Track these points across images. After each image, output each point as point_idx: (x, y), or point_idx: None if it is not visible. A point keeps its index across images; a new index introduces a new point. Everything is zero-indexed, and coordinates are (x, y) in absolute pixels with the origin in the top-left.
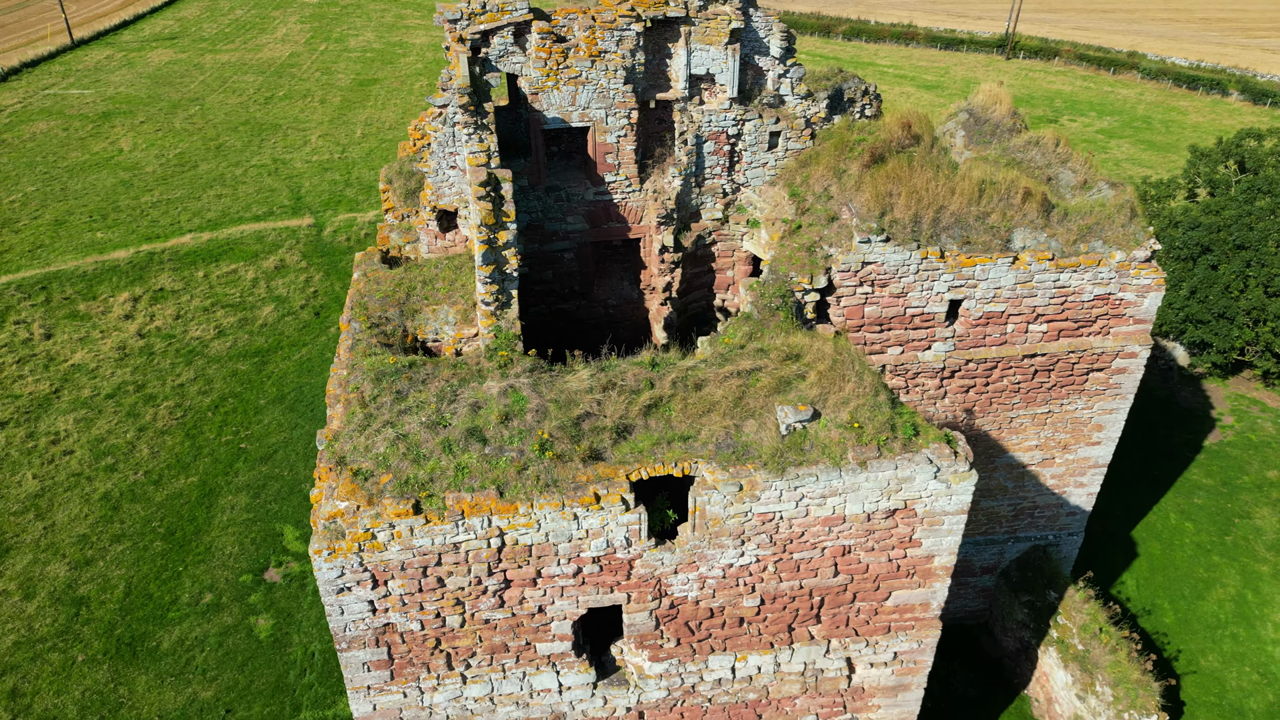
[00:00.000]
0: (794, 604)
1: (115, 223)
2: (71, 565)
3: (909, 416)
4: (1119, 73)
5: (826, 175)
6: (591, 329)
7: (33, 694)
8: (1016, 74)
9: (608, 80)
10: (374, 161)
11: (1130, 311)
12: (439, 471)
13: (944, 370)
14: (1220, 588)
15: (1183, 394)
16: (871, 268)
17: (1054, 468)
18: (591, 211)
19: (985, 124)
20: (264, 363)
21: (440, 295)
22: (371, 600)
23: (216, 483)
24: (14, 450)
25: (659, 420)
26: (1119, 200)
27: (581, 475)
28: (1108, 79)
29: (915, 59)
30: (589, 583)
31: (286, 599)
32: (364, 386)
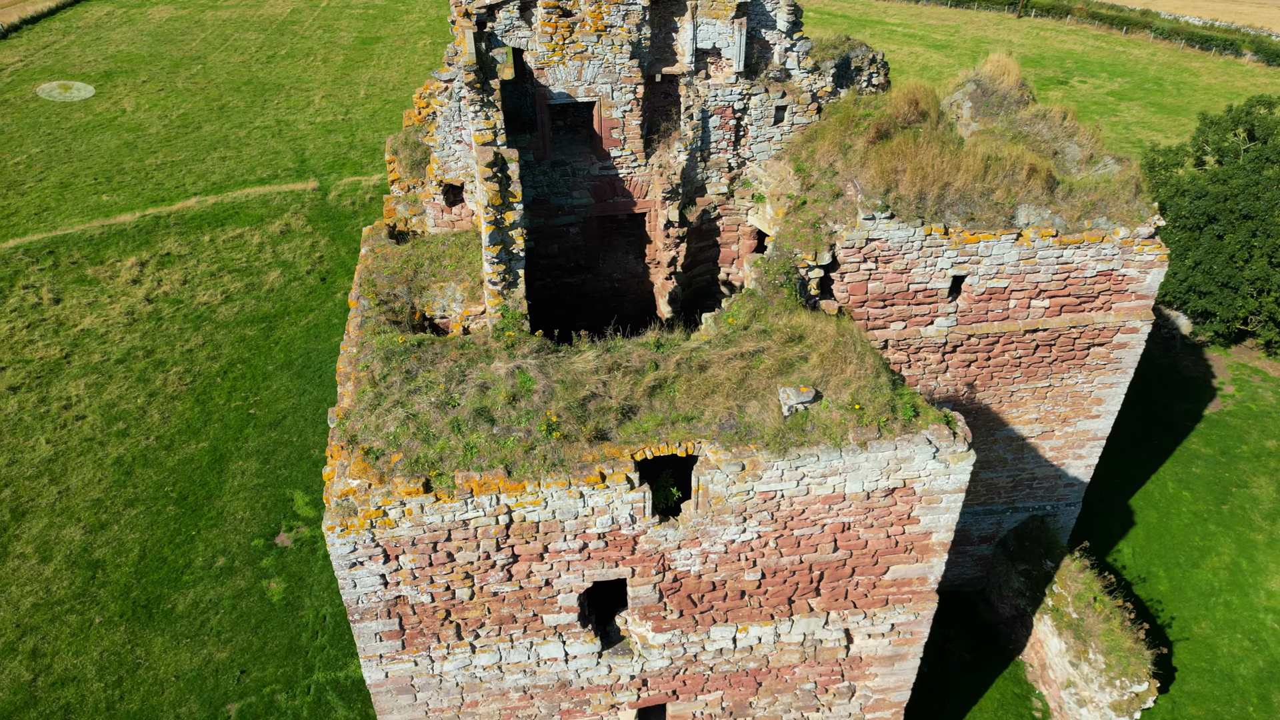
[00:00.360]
0: (794, 578)
1: (120, 185)
2: (86, 529)
3: (909, 398)
4: (1131, 32)
5: (832, 151)
6: (596, 302)
7: (52, 654)
8: (1028, 33)
9: (613, 55)
10: (378, 123)
11: (1132, 287)
12: (448, 451)
13: (946, 345)
14: (1215, 556)
15: (1184, 363)
16: (876, 244)
17: (1053, 440)
18: (597, 186)
19: (993, 95)
20: (271, 328)
21: (447, 272)
22: (383, 574)
23: (227, 448)
24: (26, 415)
25: (663, 401)
26: (1124, 176)
27: (587, 455)
28: (1120, 39)
29: (925, 17)
30: (594, 558)
31: (298, 563)
32: (374, 365)
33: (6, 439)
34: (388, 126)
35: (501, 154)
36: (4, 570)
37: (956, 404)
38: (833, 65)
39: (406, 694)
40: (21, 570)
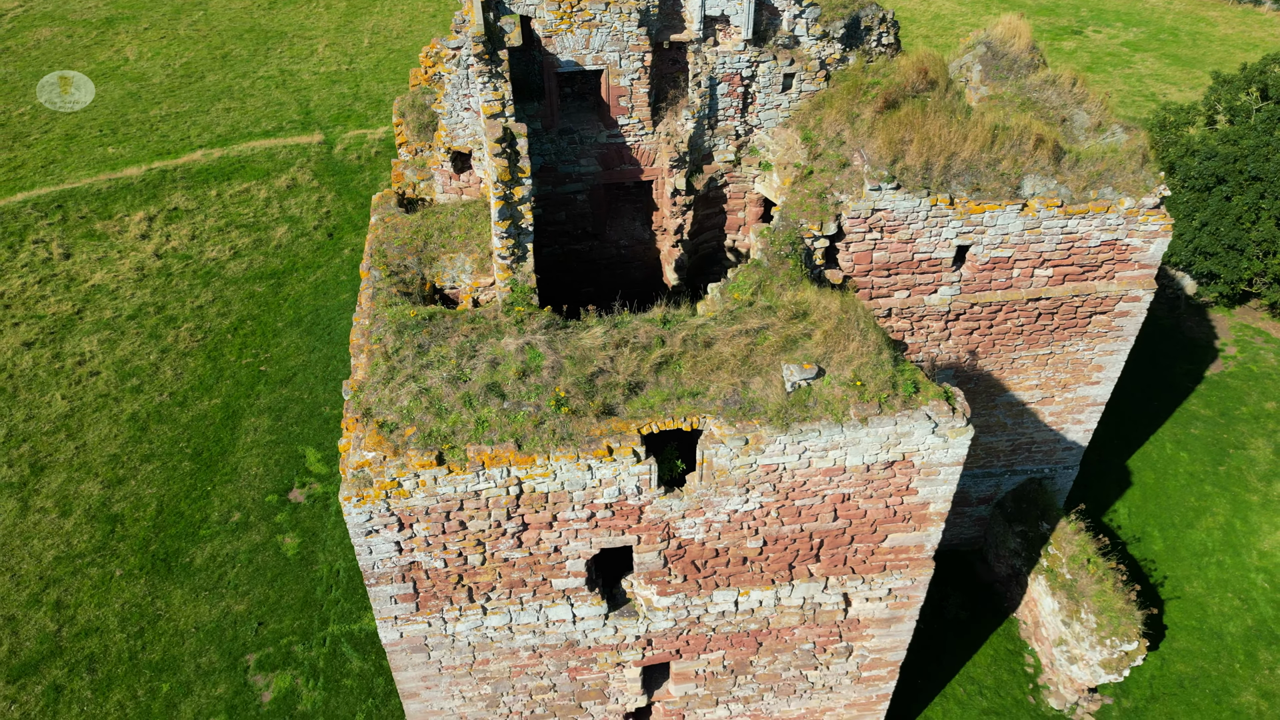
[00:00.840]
0: (794, 545)
1: (125, 137)
2: (105, 484)
3: (910, 373)
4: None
5: (839, 120)
6: (603, 269)
7: (75, 606)
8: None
9: (621, 23)
10: (382, 74)
11: (1136, 256)
12: (460, 425)
13: (949, 313)
14: (1210, 516)
15: (1188, 323)
16: (881, 214)
17: (1053, 406)
18: (604, 154)
19: (1003, 58)
20: (280, 285)
21: (457, 243)
22: (398, 541)
23: (239, 405)
24: (42, 371)
25: (669, 376)
26: (1131, 146)
27: (595, 429)
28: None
29: None
30: (602, 526)
31: (311, 519)
32: (386, 338)
33: (23, 394)
34: (392, 77)
35: (511, 129)
36: (25, 524)
37: (958, 371)
38: (842, 25)
39: (420, 653)
40: (43, 524)
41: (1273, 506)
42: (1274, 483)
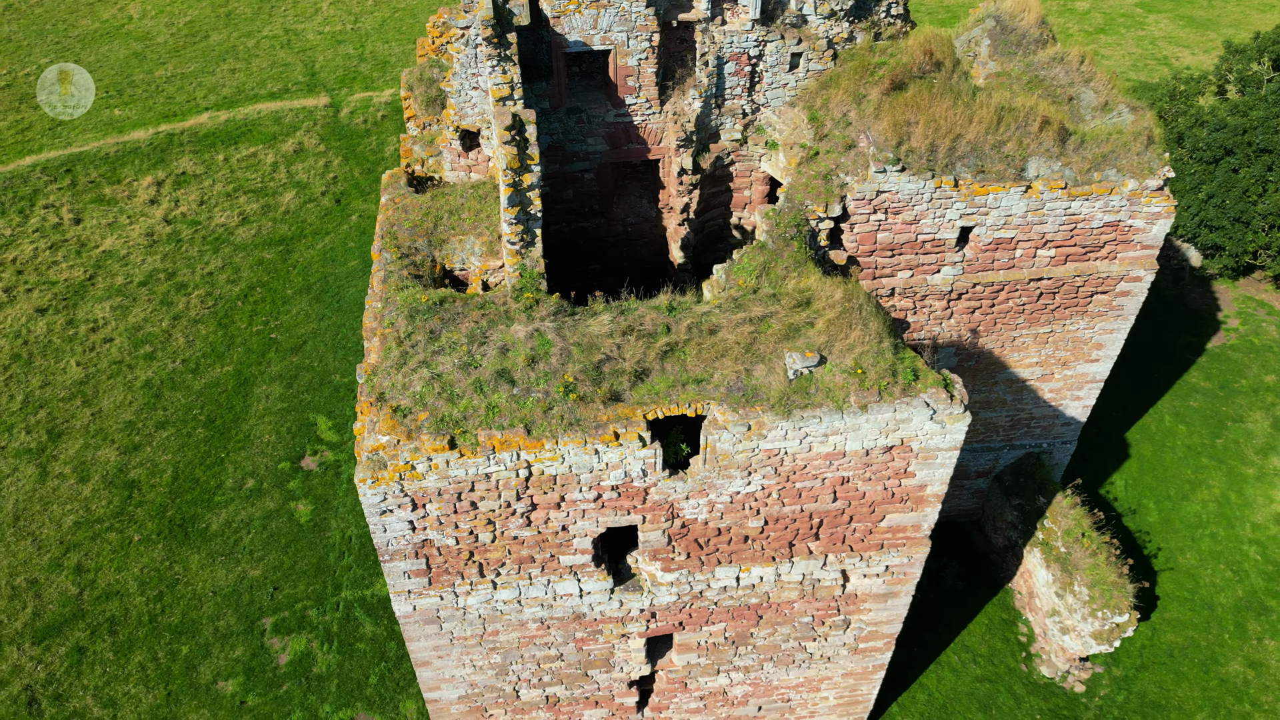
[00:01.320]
0: (795, 525)
1: (131, 99)
2: (121, 450)
3: (910, 361)
4: None
5: (846, 100)
6: (610, 246)
7: (96, 570)
8: None
9: (630, 3)
10: (387, 33)
11: (1138, 238)
12: (471, 410)
13: (952, 293)
14: (1205, 489)
15: (1192, 295)
16: (886, 196)
17: (1052, 382)
18: (611, 133)
19: (1012, 33)
20: (289, 251)
21: (466, 225)
22: (411, 520)
23: (251, 372)
24: (56, 337)
25: (675, 363)
26: (1136, 127)
27: (602, 415)
28: None
29: None
30: (608, 506)
31: (323, 486)
32: (399, 323)
33: (38, 361)
34: (397, 37)
35: (520, 116)
36: (45, 489)
37: (960, 348)
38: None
39: (433, 624)
40: (61, 489)
41: (1267, 479)
42: (1270, 456)
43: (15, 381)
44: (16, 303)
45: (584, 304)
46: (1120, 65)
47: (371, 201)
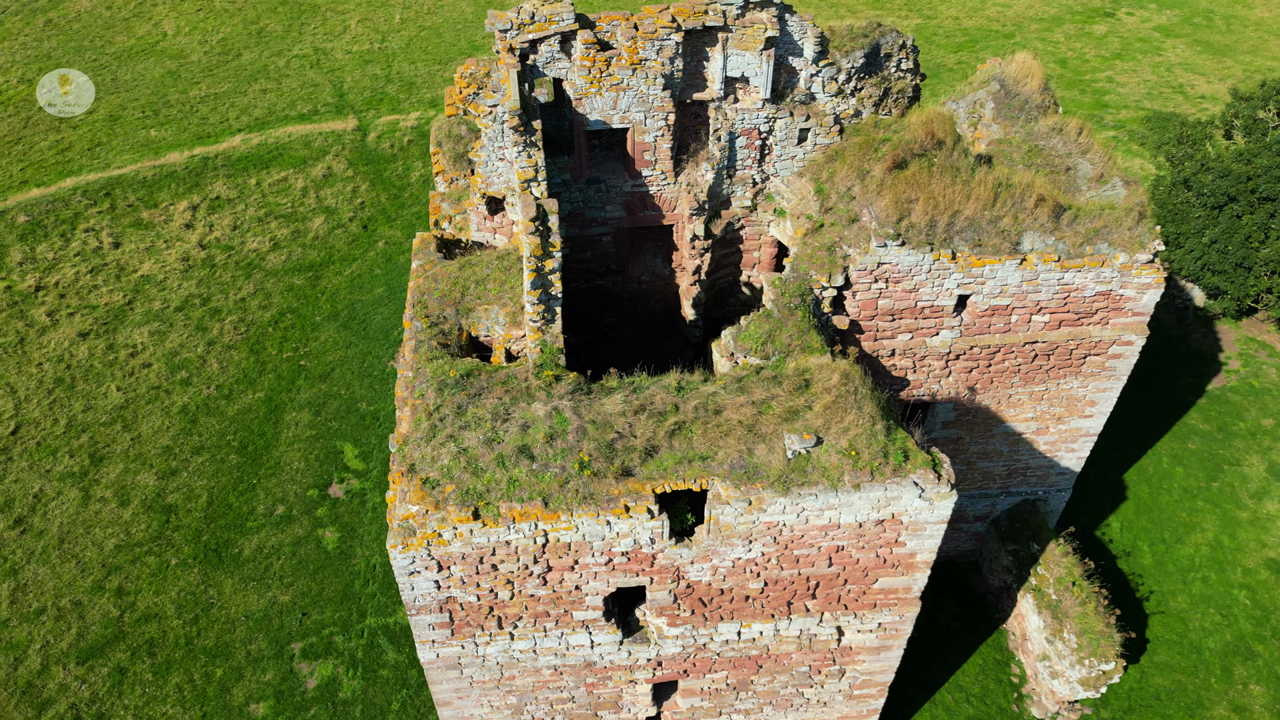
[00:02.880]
0: (792, 587)
1: (167, 119)
2: (159, 475)
3: (901, 442)
4: None
5: (850, 175)
6: (626, 302)
7: (135, 593)
8: None
9: (647, 87)
10: (413, 53)
11: (1130, 305)
12: (494, 483)
13: (950, 354)
14: (1199, 532)
15: (1194, 335)
16: (887, 267)
17: (1047, 436)
18: (629, 200)
19: (1015, 97)
20: (317, 277)
21: (491, 295)
22: (437, 580)
23: (281, 399)
24: (97, 362)
25: (682, 441)
26: (1129, 203)
27: (614, 489)
28: None
29: None
30: (618, 569)
31: (349, 514)
32: (428, 395)
33: (80, 385)
34: (423, 58)
35: (544, 207)
36: (88, 512)
37: (958, 404)
38: (862, 55)
39: (454, 669)
40: (103, 513)
41: (1260, 524)
42: (1264, 500)
43: (59, 406)
44: (59, 326)
45: (600, 354)
46: (1135, 93)
47: (398, 227)
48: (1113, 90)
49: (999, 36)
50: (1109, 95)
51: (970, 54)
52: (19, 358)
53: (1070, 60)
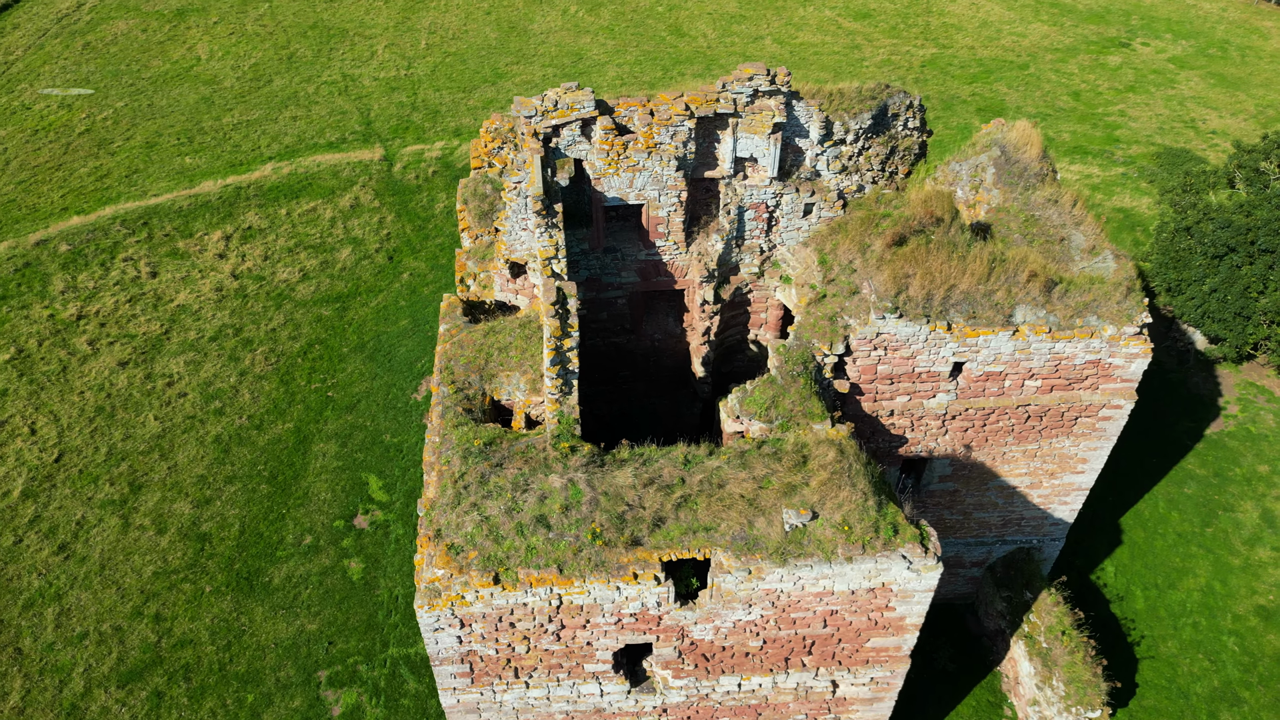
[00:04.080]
0: (790, 645)
1: (201, 146)
2: (194, 504)
3: (891, 516)
4: None
5: (852, 249)
6: (639, 357)
7: (172, 619)
8: None
9: (661, 168)
10: (438, 80)
11: (1118, 373)
12: (513, 550)
13: (946, 415)
14: (1192, 577)
15: (1195, 379)
16: (885, 336)
17: (1041, 490)
18: (643, 268)
19: (1015, 164)
20: (345, 308)
21: (513, 362)
22: (460, 635)
23: (309, 430)
24: (135, 391)
25: (687, 512)
26: (1118, 277)
27: (624, 558)
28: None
29: None
30: (627, 628)
31: (373, 545)
32: (454, 462)
33: (120, 414)
34: (448, 85)
35: (564, 290)
36: (127, 540)
37: (954, 459)
38: (870, 116)
39: (473, 713)
40: (142, 540)
41: (1252, 570)
42: (1256, 547)
43: (100, 434)
44: (100, 355)
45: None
46: (1147, 128)
47: (422, 259)
48: (1124, 125)
49: (1013, 67)
50: (1120, 130)
51: (984, 85)
52: (62, 386)
53: (1083, 93)
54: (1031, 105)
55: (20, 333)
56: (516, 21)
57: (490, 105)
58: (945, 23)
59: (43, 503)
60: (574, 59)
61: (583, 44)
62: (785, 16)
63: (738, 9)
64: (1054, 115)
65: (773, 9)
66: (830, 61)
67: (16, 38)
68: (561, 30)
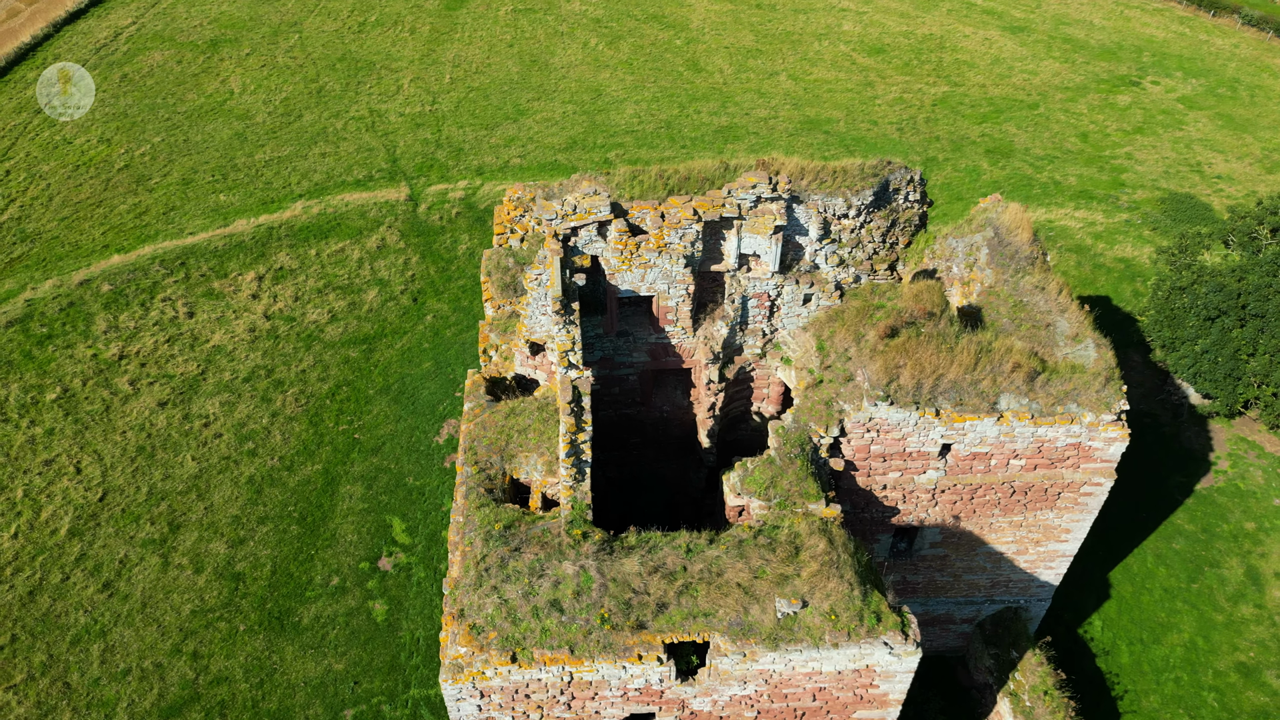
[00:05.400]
0: (782, 716)
1: (235, 184)
2: (229, 544)
3: (875, 605)
4: (1219, 15)
5: (848, 338)
6: (648, 427)
7: (209, 656)
8: (1111, 9)
9: (671, 265)
10: (461, 117)
11: (1098, 454)
12: (529, 632)
13: (936, 489)
14: (1176, 633)
15: (1188, 433)
16: (877, 420)
17: (1027, 556)
18: (653, 349)
19: (1007, 246)
20: (371, 350)
21: (531, 444)
22: (479, 704)
23: (337, 471)
24: (174, 431)
25: (689, 599)
26: (1098, 367)
27: (630, 640)
28: (1206, 23)
29: None
30: (631, 700)
31: (397, 587)
32: (476, 544)
33: (159, 454)
34: (471, 121)
35: (579, 388)
36: (167, 579)
37: (944, 528)
38: (871, 193)
39: None
40: (180, 579)
41: (1234, 627)
42: (1239, 604)
43: (141, 474)
44: (140, 395)
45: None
46: (1152, 172)
47: (445, 300)
48: (1130, 168)
49: (1024, 107)
50: (1126, 173)
51: (994, 125)
52: (105, 425)
53: (1091, 134)
54: (1040, 147)
55: (65, 372)
56: (538, 55)
57: (511, 143)
58: (958, 59)
59: (88, 541)
60: (593, 95)
61: (602, 79)
62: (800, 51)
63: (754, 43)
64: (1061, 158)
65: (788, 43)
66: (843, 99)
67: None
68: (582, 64)
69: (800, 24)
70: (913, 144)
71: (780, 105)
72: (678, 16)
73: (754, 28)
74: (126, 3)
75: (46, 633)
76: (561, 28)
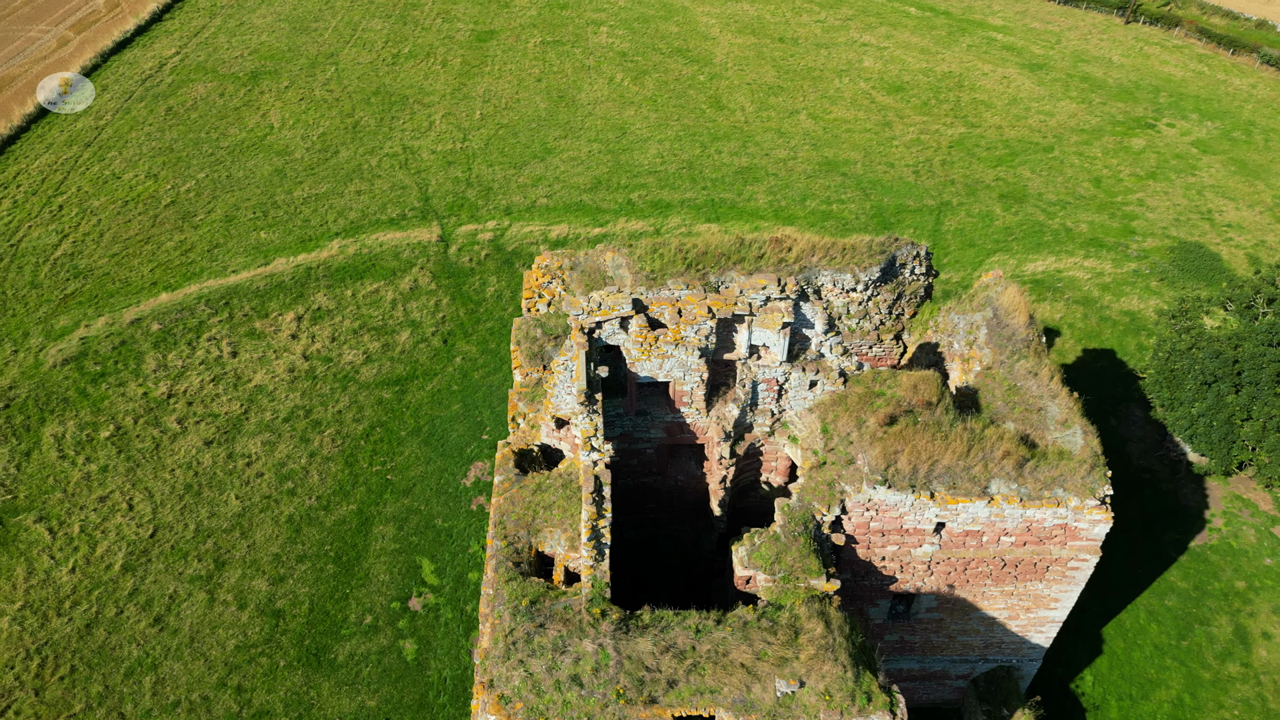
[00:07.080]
0: None
1: (274, 221)
2: (270, 581)
3: (867, 685)
4: (1238, 54)
5: (850, 423)
6: (664, 494)
7: (251, 690)
8: (1131, 46)
9: (686, 355)
10: (491, 155)
11: (1083, 534)
12: (552, 704)
13: (931, 561)
14: (1164, 689)
15: (1184, 490)
16: (876, 501)
17: (1018, 621)
18: (669, 427)
19: (1005, 328)
20: (403, 391)
21: (555, 520)
22: None
23: (370, 512)
24: (219, 470)
25: (696, 676)
26: (1083, 454)
27: (642, 714)
28: (1224, 62)
29: (1029, 17)
30: None
31: (426, 627)
32: (505, 617)
33: (205, 492)
34: (500, 160)
35: (600, 479)
36: (213, 614)
37: (939, 595)
38: (878, 269)
39: None
40: (225, 615)
41: (1220, 685)
42: (1226, 662)
43: (189, 511)
44: (188, 434)
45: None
46: (1163, 219)
47: (473, 343)
48: (1142, 215)
49: (1038, 149)
50: (1137, 220)
51: (1009, 169)
52: (154, 463)
53: (1104, 179)
54: (1053, 191)
55: (118, 410)
56: (565, 90)
57: (539, 182)
58: (975, 99)
59: (140, 576)
60: (618, 133)
61: (627, 117)
62: (821, 89)
63: (776, 80)
64: (1074, 204)
65: (809, 80)
66: (861, 140)
67: (105, 100)
68: (608, 100)
69: (822, 59)
70: (928, 187)
71: (799, 145)
72: (702, 50)
73: (776, 63)
74: (170, 32)
75: (102, 664)
76: (589, 61)
